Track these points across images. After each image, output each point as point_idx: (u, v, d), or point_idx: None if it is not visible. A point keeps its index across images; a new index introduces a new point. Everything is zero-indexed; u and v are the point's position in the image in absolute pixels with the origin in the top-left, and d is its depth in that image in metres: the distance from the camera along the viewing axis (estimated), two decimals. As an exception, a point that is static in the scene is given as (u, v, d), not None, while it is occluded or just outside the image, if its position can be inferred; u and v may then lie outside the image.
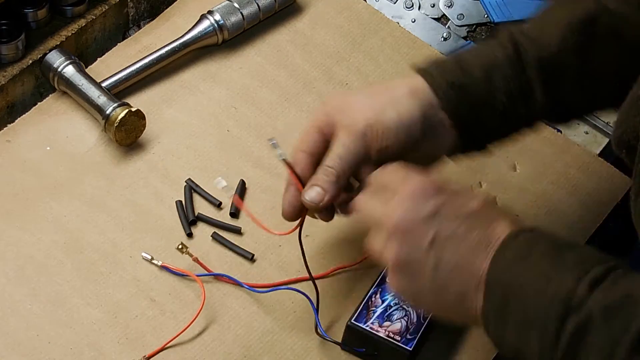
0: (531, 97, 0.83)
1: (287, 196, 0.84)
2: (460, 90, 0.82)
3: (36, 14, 1.04)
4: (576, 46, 0.83)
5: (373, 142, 0.81)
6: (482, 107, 0.83)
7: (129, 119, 0.99)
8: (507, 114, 0.83)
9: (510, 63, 0.83)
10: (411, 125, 0.82)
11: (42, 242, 0.94)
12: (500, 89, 0.82)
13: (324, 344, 0.89)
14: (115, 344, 0.87)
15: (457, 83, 0.82)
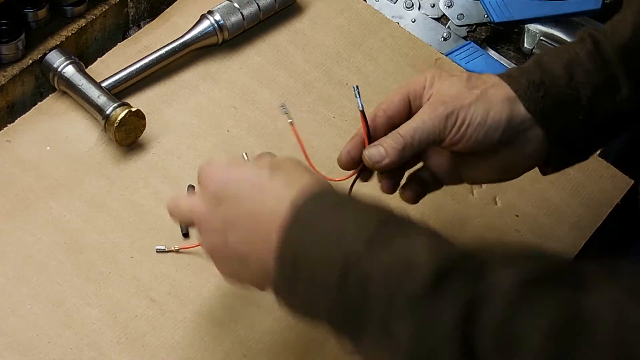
0: (617, 88, 0.80)
1: (349, 144, 0.84)
2: (541, 87, 0.80)
3: (36, 14, 1.04)
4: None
5: (451, 129, 0.80)
6: (566, 103, 0.80)
7: (129, 119, 0.99)
8: (593, 110, 0.80)
9: (590, 57, 0.81)
10: (494, 127, 0.80)
11: (42, 242, 0.94)
12: (584, 83, 0.80)
13: (324, 343, 0.89)
14: (115, 343, 0.87)
15: (538, 81, 0.80)
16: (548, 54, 0.83)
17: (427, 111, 0.80)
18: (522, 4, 1.17)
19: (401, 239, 0.66)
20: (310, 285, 0.68)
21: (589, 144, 0.84)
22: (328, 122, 1.06)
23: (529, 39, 1.17)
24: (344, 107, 1.07)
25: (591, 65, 0.80)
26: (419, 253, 0.64)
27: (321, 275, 0.67)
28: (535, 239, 0.99)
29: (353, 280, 0.66)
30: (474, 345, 0.59)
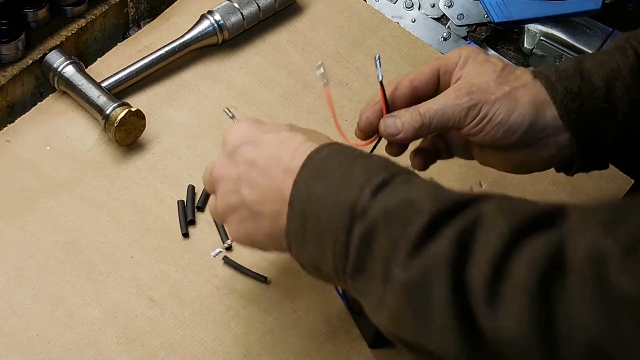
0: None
1: (369, 110, 0.83)
2: (579, 97, 0.79)
3: (36, 14, 1.04)
4: None
5: (471, 121, 0.80)
6: (601, 116, 0.80)
7: (129, 119, 0.99)
8: (628, 125, 0.80)
9: (632, 71, 0.80)
10: (513, 129, 0.80)
11: (42, 242, 0.94)
12: (622, 98, 0.79)
13: (324, 343, 0.89)
14: (115, 343, 0.87)
15: (576, 90, 0.79)
16: (589, 60, 0.82)
17: (451, 96, 0.80)
18: (522, 4, 1.17)
19: (405, 186, 0.67)
20: (318, 232, 0.69)
21: (614, 156, 0.84)
22: (328, 122, 1.05)
23: (529, 39, 1.17)
24: (344, 107, 1.07)
25: (631, 80, 0.79)
26: (422, 198, 0.65)
27: (328, 221, 0.68)
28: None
29: (359, 232, 0.66)
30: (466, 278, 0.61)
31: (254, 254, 0.94)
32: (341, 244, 0.67)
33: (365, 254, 0.66)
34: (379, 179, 0.68)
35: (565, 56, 1.14)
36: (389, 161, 0.71)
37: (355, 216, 0.67)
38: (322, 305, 0.91)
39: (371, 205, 0.67)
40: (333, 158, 0.71)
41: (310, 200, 0.70)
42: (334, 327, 0.90)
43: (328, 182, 0.69)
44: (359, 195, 0.67)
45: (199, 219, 0.97)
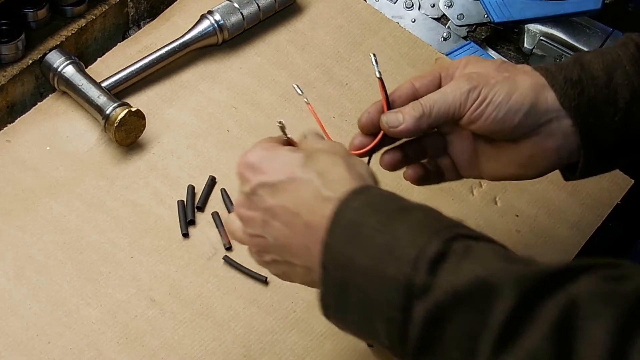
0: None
1: (371, 107, 0.81)
2: (578, 85, 0.78)
3: (36, 14, 1.04)
4: None
5: (471, 104, 0.78)
6: (603, 103, 0.78)
7: (129, 118, 0.99)
8: (630, 113, 0.78)
9: (632, 60, 0.79)
10: (514, 109, 0.77)
11: (42, 242, 0.94)
12: (622, 85, 0.78)
13: (324, 343, 0.89)
14: (115, 344, 0.87)
15: (575, 78, 0.78)
16: (589, 53, 0.81)
17: (451, 85, 0.79)
18: (522, 4, 1.17)
19: (469, 259, 0.61)
20: (364, 305, 0.64)
21: (620, 151, 0.81)
22: (328, 122, 1.06)
23: (529, 39, 1.17)
24: (344, 107, 1.07)
25: (632, 68, 0.79)
26: (498, 279, 0.59)
27: (378, 297, 0.63)
28: (535, 239, 0.99)
29: (422, 314, 0.61)
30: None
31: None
32: (398, 323, 0.62)
33: (433, 337, 0.61)
34: (433, 251, 0.62)
35: (565, 56, 1.14)
36: (434, 216, 0.66)
37: (413, 295, 0.61)
38: (322, 305, 0.91)
39: (433, 284, 0.61)
40: (368, 217, 0.65)
41: (349, 268, 0.64)
42: (333, 327, 0.89)
43: (369, 250, 0.64)
44: (413, 270, 0.61)
45: (199, 219, 0.97)
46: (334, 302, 0.67)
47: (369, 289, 0.63)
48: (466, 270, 0.61)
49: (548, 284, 0.59)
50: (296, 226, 0.69)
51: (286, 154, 0.72)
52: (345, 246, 0.65)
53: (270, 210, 0.70)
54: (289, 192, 0.70)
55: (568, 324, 0.57)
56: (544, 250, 0.98)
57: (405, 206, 0.67)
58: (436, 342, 0.61)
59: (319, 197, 0.68)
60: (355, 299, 0.65)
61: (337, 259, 0.65)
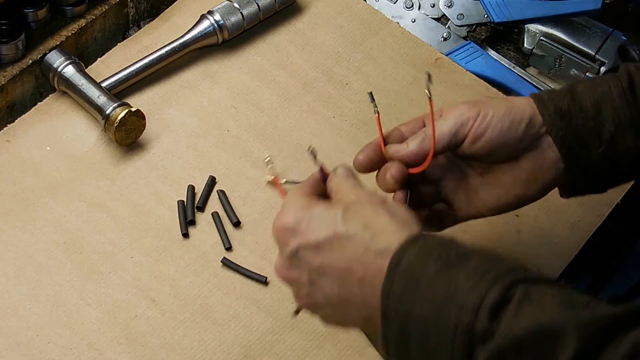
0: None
1: (365, 148, 0.81)
2: (567, 116, 0.80)
3: (36, 14, 1.04)
4: None
5: (474, 120, 0.79)
6: (588, 135, 0.80)
7: (129, 118, 0.99)
8: (615, 145, 0.80)
9: (621, 94, 0.80)
10: (517, 120, 0.79)
11: (42, 242, 0.93)
12: (609, 118, 0.80)
13: (324, 343, 0.89)
14: (115, 344, 0.87)
15: (565, 109, 0.80)
16: (583, 83, 0.82)
17: (449, 112, 0.80)
18: (522, 4, 1.17)
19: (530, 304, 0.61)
20: (425, 352, 0.64)
21: (606, 179, 0.83)
22: (328, 122, 1.06)
23: (528, 39, 1.17)
24: (344, 107, 1.07)
25: (620, 103, 0.80)
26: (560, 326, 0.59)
27: (439, 344, 0.63)
28: (535, 239, 0.99)
29: (484, 355, 0.61)
30: None
31: (254, 255, 0.94)
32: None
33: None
34: (494, 296, 0.62)
35: (565, 56, 1.14)
36: (493, 261, 0.65)
37: (475, 342, 0.61)
38: (322, 305, 0.91)
39: (494, 330, 0.61)
40: (426, 265, 0.65)
41: (410, 316, 0.64)
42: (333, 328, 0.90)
43: (430, 297, 0.64)
44: (474, 317, 0.61)
45: (199, 219, 0.97)
46: (395, 347, 0.67)
47: (430, 336, 0.64)
48: (527, 316, 0.61)
49: (611, 330, 0.59)
50: (349, 282, 0.69)
51: (323, 211, 0.71)
52: (405, 294, 0.65)
53: (317, 270, 0.70)
54: (336, 250, 0.69)
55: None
56: (544, 250, 0.98)
57: (462, 252, 0.67)
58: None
59: (370, 251, 0.68)
60: (417, 345, 0.65)
61: (398, 307, 0.65)
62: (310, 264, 0.70)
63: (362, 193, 0.73)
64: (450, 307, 0.63)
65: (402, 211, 0.71)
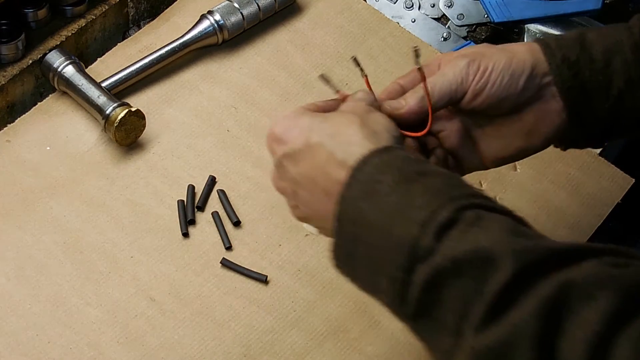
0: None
1: None
2: (575, 67, 0.76)
3: (36, 14, 1.04)
4: None
5: (474, 75, 0.76)
6: (595, 89, 0.77)
7: (129, 118, 0.99)
8: (622, 101, 0.77)
9: (634, 48, 0.77)
10: (517, 73, 0.76)
11: (42, 242, 0.93)
12: (619, 72, 0.77)
13: (324, 343, 0.89)
14: (115, 343, 0.87)
15: (573, 59, 0.76)
16: (592, 32, 0.79)
17: (447, 66, 0.77)
18: (522, 4, 1.17)
19: (476, 228, 0.61)
20: (370, 261, 0.64)
21: (607, 134, 0.81)
22: (328, 121, 1.06)
23: (528, 39, 1.17)
24: (344, 107, 1.07)
25: (632, 57, 0.77)
26: (499, 250, 0.59)
27: (383, 254, 0.63)
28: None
29: (422, 278, 0.61)
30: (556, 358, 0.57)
31: (254, 254, 0.94)
32: (399, 284, 0.62)
33: (430, 301, 0.61)
34: (444, 216, 0.61)
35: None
36: (455, 183, 0.65)
37: (417, 257, 0.61)
38: (322, 304, 0.91)
39: (436, 248, 0.61)
40: (385, 175, 0.65)
41: (361, 223, 0.64)
42: (333, 326, 0.90)
43: (382, 207, 0.63)
44: (420, 233, 0.61)
45: (199, 219, 0.97)
46: (344, 254, 0.67)
47: (377, 246, 0.63)
48: (470, 239, 0.60)
49: (548, 262, 0.59)
50: (317, 193, 0.69)
51: (305, 120, 0.70)
52: (359, 201, 0.65)
53: (295, 180, 0.71)
54: (307, 160, 0.69)
55: (560, 303, 0.57)
56: (544, 249, 0.98)
57: (425, 170, 0.66)
58: (433, 306, 0.61)
59: (332, 161, 0.68)
60: (364, 254, 0.64)
61: (350, 213, 0.65)
62: (290, 174, 0.71)
63: (352, 103, 0.72)
64: (400, 220, 0.62)
65: (378, 122, 0.69)
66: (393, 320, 0.90)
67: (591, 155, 1.06)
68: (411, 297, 0.62)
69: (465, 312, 0.59)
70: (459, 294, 0.60)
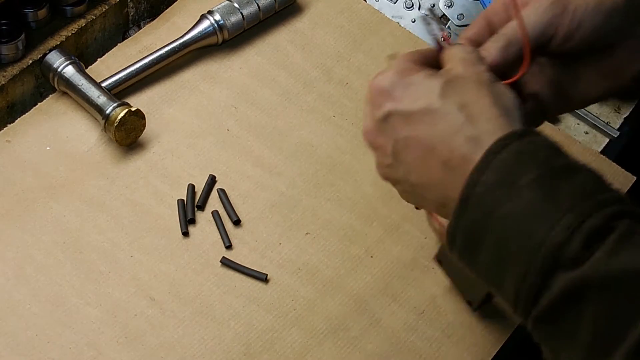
0: None
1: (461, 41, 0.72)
2: None
3: (36, 14, 1.04)
4: None
5: (561, 20, 0.69)
6: None
7: (129, 118, 0.99)
8: None
9: None
10: (612, 11, 0.69)
11: (42, 242, 0.93)
12: None
13: (324, 341, 0.88)
14: (115, 343, 0.87)
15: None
16: None
17: (530, 7, 0.70)
18: (522, 4, 1.17)
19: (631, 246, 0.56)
20: (499, 254, 0.59)
21: None
22: (328, 120, 1.06)
23: (529, 38, 1.16)
24: (344, 107, 1.07)
25: None
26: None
27: (518, 252, 0.58)
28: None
29: (562, 285, 0.57)
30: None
31: (254, 253, 0.94)
32: (531, 285, 0.58)
33: (566, 312, 0.57)
34: (595, 223, 0.57)
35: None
36: (603, 184, 0.60)
37: (559, 263, 0.57)
38: (322, 302, 0.91)
39: (584, 258, 0.56)
40: (527, 166, 0.59)
41: (494, 213, 0.59)
42: (334, 325, 0.90)
43: (522, 201, 0.58)
44: (566, 238, 0.57)
45: (199, 218, 0.96)
46: (464, 239, 0.62)
47: (509, 242, 0.59)
48: (625, 257, 0.56)
49: None
50: (431, 162, 0.63)
51: (422, 80, 0.65)
52: (496, 189, 0.59)
53: (403, 142, 0.65)
54: (425, 125, 0.64)
55: None
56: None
57: (570, 165, 0.61)
58: (567, 317, 0.57)
59: (461, 134, 0.62)
60: (490, 245, 0.60)
61: (483, 199, 0.60)
62: (397, 133, 0.66)
63: (472, 69, 0.66)
64: (543, 220, 0.57)
65: (509, 98, 0.64)
66: (394, 319, 0.90)
67: (592, 154, 1.06)
68: (543, 302, 0.58)
69: (612, 334, 0.55)
70: (605, 316, 0.56)
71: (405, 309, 0.91)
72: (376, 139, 0.69)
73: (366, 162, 1.01)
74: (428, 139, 0.64)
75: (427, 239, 0.94)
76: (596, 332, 0.56)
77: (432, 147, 0.64)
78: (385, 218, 0.97)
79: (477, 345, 0.88)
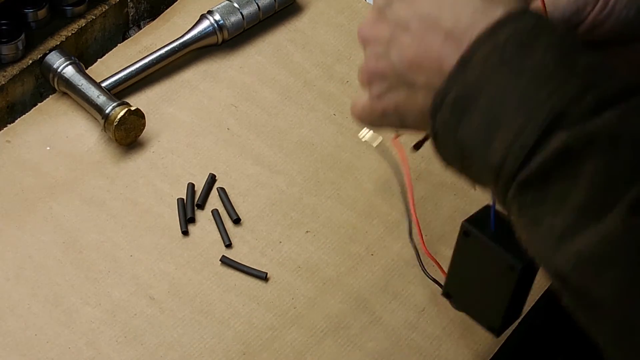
0: None
1: None
2: None
3: (36, 14, 1.04)
4: None
5: (590, 7, 0.67)
6: None
7: (129, 117, 0.98)
8: None
9: None
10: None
11: (41, 242, 0.93)
12: None
13: (324, 340, 0.88)
14: (114, 342, 0.87)
15: None
16: None
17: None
18: (523, 2, 1.16)
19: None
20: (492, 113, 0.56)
21: None
22: (329, 119, 1.05)
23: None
24: (345, 105, 1.07)
25: None
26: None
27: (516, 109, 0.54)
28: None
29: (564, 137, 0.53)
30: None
31: (254, 252, 0.94)
32: (524, 146, 0.54)
33: (560, 171, 0.53)
34: (610, 88, 0.53)
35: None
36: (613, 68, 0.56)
37: (562, 121, 0.53)
38: (322, 301, 0.91)
39: (593, 119, 0.52)
40: (543, 33, 0.55)
41: (493, 76, 0.55)
42: (334, 323, 0.89)
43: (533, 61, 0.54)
44: (579, 95, 0.53)
45: (198, 217, 0.96)
46: (455, 100, 0.57)
47: (510, 98, 0.55)
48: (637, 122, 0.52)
49: None
50: (431, 37, 0.59)
51: None
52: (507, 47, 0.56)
53: (403, 23, 0.61)
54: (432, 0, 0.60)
55: None
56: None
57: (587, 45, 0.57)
58: (560, 177, 0.53)
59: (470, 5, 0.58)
60: (485, 105, 0.56)
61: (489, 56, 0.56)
62: (398, 15, 0.62)
63: None
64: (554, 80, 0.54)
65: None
66: (394, 317, 0.90)
67: None
68: (535, 161, 0.54)
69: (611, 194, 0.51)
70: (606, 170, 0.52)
71: (406, 307, 0.90)
72: (373, 29, 0.64)
73: (367, 160, 1.01)
74: (433, 12, 0.60)
75: (427, 237, 0.94)
76: (593, 192, 0.52)
77: (436, 19, 0.60)
78: (386, 216, 0.97)
79: (478, 343, 0.88)
